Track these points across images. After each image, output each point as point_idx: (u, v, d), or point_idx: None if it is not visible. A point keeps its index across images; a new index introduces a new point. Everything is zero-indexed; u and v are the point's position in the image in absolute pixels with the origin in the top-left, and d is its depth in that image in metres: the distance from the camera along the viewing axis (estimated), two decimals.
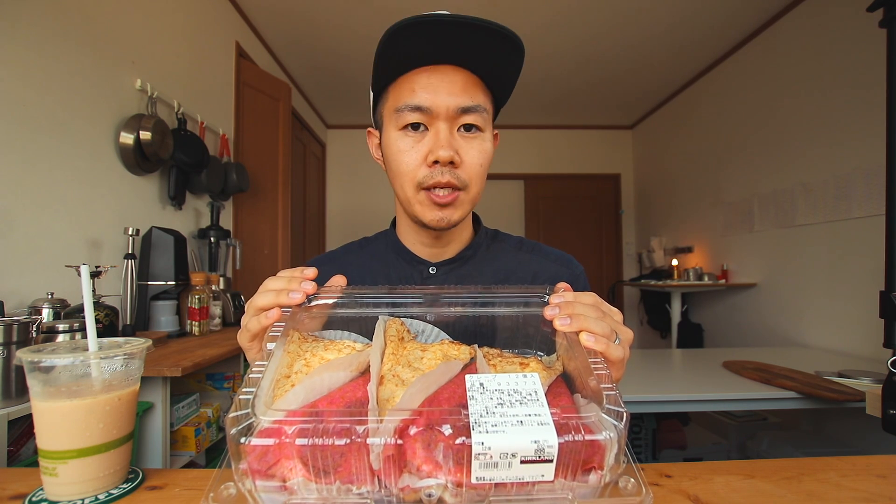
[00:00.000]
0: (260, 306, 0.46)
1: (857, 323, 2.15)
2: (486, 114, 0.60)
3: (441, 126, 0.57)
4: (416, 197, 0.60)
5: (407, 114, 0.57)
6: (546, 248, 0.74)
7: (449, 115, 0.57)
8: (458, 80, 0.57)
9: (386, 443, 0.30)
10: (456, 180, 0.58)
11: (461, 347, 0.44)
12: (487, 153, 0.61)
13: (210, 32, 2.30)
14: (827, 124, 2.35)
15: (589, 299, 0.45)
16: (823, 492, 0.42)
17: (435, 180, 0.58)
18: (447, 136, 0.57)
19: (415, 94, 0.57)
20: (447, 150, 0.56)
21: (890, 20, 1.17)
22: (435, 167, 0.58)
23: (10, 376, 0.85)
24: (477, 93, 0.58)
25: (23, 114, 1.26)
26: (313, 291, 0.46)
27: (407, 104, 0.57)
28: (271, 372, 0.37)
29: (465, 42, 0.55)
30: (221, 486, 0.32)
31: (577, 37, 2.99)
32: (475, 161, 0.59)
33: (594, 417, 0.32)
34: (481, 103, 0.58)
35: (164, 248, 1.64)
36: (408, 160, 0.59)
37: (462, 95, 0.57)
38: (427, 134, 0.58)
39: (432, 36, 0.54)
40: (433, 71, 0.57)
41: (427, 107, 0.57)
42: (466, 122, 0.58)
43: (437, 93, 0.57)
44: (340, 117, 4.44)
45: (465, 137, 0.59)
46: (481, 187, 0.62)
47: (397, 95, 0.59)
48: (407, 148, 0.59)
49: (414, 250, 0.70)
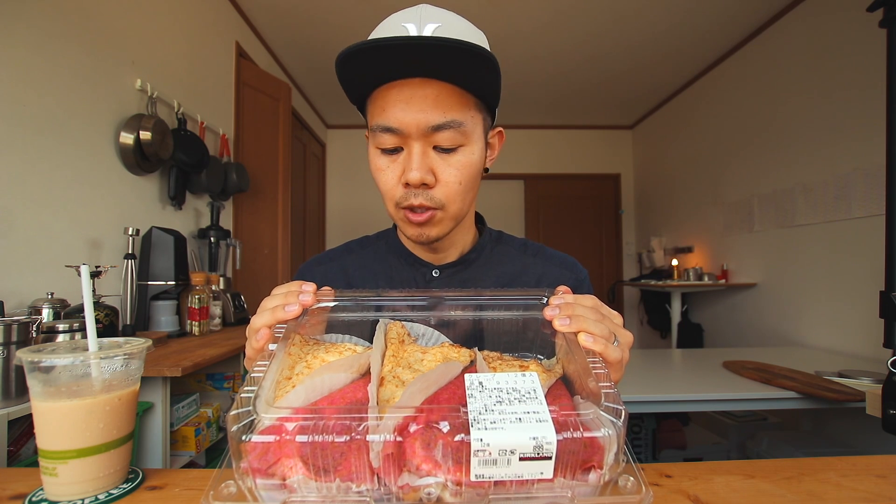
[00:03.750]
0: (257, 328, 0.45)
1: (857, 323, 2.15)
2: (467, 126, 0.55)
3: (414, 146, 0.55)
4: (397, 214, 0.60)
5: (380, 135, 0.55)
6: (550, 251, 0.74)
7: (420, 134, 0.54)
8: (430, 94, 0.53)
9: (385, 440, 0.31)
10: (429, 201, 0.56)
11: (461, 350, 0.44)
12: (470, 167, 0.57)
13: (210, 32, 2.30)
14: (827, 124, 2.35)
15: (589, 302, 0.45)
16: (823, 492, 0.42)
17: (409, 202, 0.57)
18: (419, 158, 0.54)
19: (385, 113, 0.54)
20: (417, 173, 0.54)
21: (890, 20, 1.17)
22: (409, 188, 0.56)
23: (10, 376, 0.85)
24: (451, 106, 0.54)
25: (23, 114, 1.26)
26: (311, 304, 0.45)
27: (378, 124, 0.55)
28: (273, 371, 0.37)
29: (425, 59, 0.51)
30: (222, 485, 0.32)
31: (577, 37, 2.99)
32: (452, 180, 0.56)
33: (592, 415, 0.32)
34: (456, 117, 0.54)
35: (164, 248, 1.64)
36: (385, 179, 0.58)
37: (433, 111, 0.53)
38: (402, 153, 0.56)
39: (385, 60, 0.51)
40: (404, 86, 0.53)
41: (397, 127, 0.54)
42: (441, 145, 0.55)
43: (405, 110, 0.53)
44: (340, 117, 4.44)
45: (441, 155, 0.56)
46: (464, 203, 0.59)
47: (372, 111, 0.57)
48: (384, 167, 0.57)
49: (416, 253, 0.69)
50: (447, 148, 0.56)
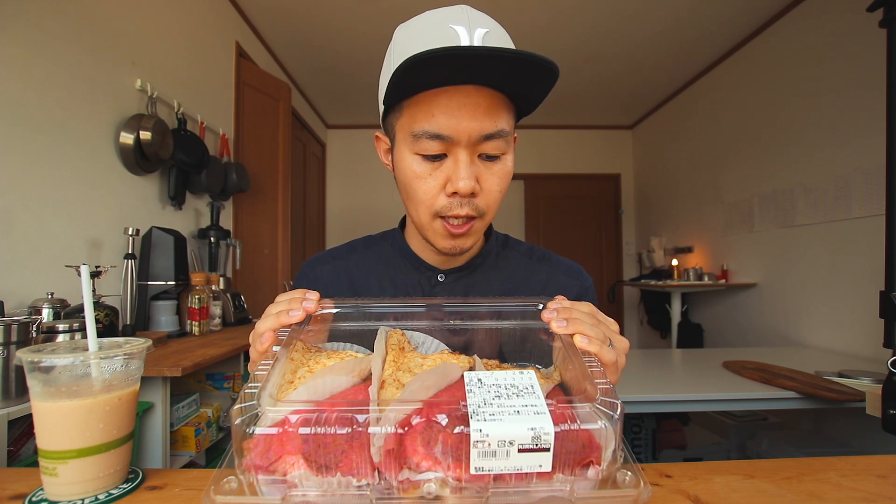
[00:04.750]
0: (261, 332, 0.45)
1: (857, 323, 2.15)
2: (510, 135, 0.55)
3: (461, 154, 0.53)
4: (432, 225, 0.57)
5: (425, 141, 0.52)
6: (556, 258, 0.73)
7: (471, 143, 0.52)
8: (483, 102, 0.52)
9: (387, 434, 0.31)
10: (474, 211, 0.55)
11: (460, 357, 0.45)
12: (508, 175, 0.57)
13: (210, 32, 2.30)
14: (827, 124, 2.35)
15: (585, 308, 0.46)
16: (823, 492, 0.42)
17: (454, 212, 0.55)
18: (467, 166, 0.52)
19: (434, 118, 0.51)
20: (468, 182, 0.52)
21: (890, 20, 1.17)
22: (454, 197, 0.54)
23: (10, 376, 0.85)
24: (500, 115, 0.53)
25: (23, 114, 1.26)
26: (315, 310, 0.46)
27: (425, 130, 0.52)
28: (276, 373, 0.38)
29: (491, 69, 0.50)
30: (223, 480, 0.32)
31: (577, 36, 2.99)
32: (495, 188, 0.56)
33: (589, 408, 0.33)
34: (505, 127, 0.53)
35: (164, 248, 1.64)
36: (425, 188, 0.55)
37: (485, 120, 0.52)
38: (446, 160, 0.54)
39: (457, 65, 0.49)
40: (454, 92, 0.51)
41: (447, 135, 0.51)
42: (488, 153, 0.54)
43: (458, 118, 0.51)
44: (340, 117, 4.43)
45: (485, 164, 0.55)
46: (497, 211, 0.59)
47: (413, 115, 0.53)
48: (424, 174, 0.54)
49: (423, 256, 0.68)
50: (492, 156, 0.55)
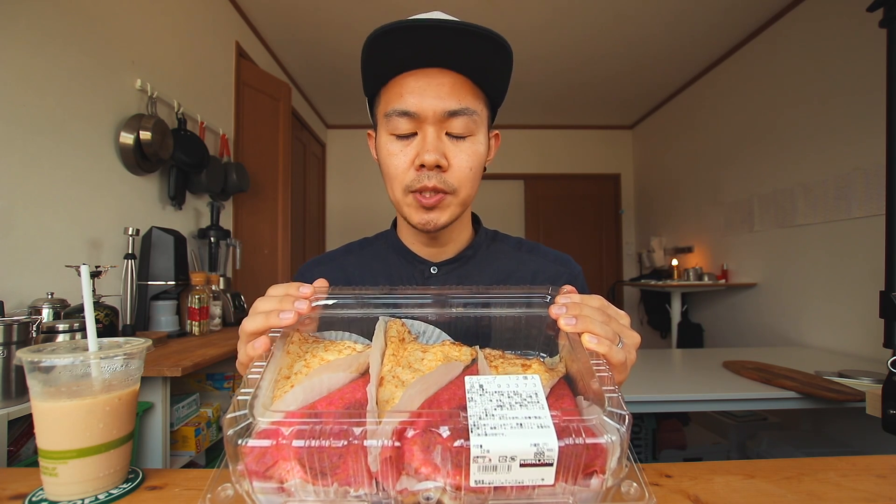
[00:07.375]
0: (250, 331, 0.42)
1: (857, 323, 2.15)
2: (478, 116, 0.59)
3: (429, 130, 0.58)
4: (405, 199, 0.61)
5: (395, 119, 0.58)
6: (544, 249, 0.75)
7: (436, 119, 0.57)
8: (446, 82, 0.57)
9: (384, 445, 0.30)
10: (442, 184, 0.59)
11: (462, 348, 0.43)
12: (479, 156, 0.61)
13: (210, 32, 2.30)
14: (827, 124, 2.35)
15: (595, 302, 0.44)
16: (823, 492, 0.42)
17: (422, 184, 0.58)
18: (434, 140, 0.57)
19: (402, 98, 0.57)
20: (433, 154, 0.57)
21: (890, 20, 1.17)
22: (422, 171, 0.58)
23: (10, 376, 0.85)
24: (465, 95, 0.58)
25: (23, 114, 1.26)
26: (307, 312, 0.43)
27: (395, 109, 0.58)
28: (271, 372, 0.37)
29: (449, 45, 0.55)
30: (219, 488, 0.32)
31: (577, 36, 2.99)
32: (464, 165, 0.59)
33: (595, 420, 0.31)
34: (470, 106, 0.58)
35: (164, 248, 1.64)
36: (397, 163, 0.59)
37: (449, 98, 0.57)
38: (416, 138, 0.59)
39: (414, 41, 0.55)
40: (421, 74, 0.58)
41: (414, 111, 0.57)
42: (453, 131, 0.58)
43: (424, 96, 0.57)
44: (340, 117, 4.43)
45: (454, 141, 0.59)
46: (472, 190, 0.62)
47: (387, 99, 0.60)
48: (396, 151, 0.59)
49: (414, 250, 0.70)
50: (459, 135, 0.59)
